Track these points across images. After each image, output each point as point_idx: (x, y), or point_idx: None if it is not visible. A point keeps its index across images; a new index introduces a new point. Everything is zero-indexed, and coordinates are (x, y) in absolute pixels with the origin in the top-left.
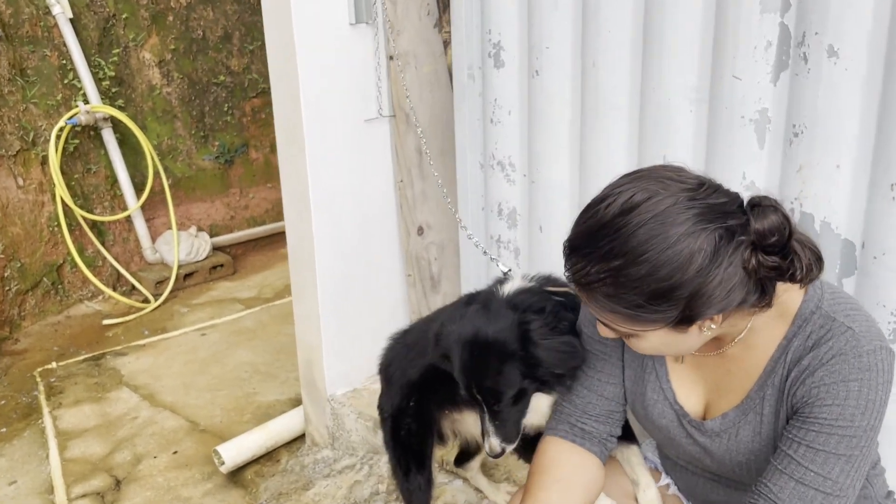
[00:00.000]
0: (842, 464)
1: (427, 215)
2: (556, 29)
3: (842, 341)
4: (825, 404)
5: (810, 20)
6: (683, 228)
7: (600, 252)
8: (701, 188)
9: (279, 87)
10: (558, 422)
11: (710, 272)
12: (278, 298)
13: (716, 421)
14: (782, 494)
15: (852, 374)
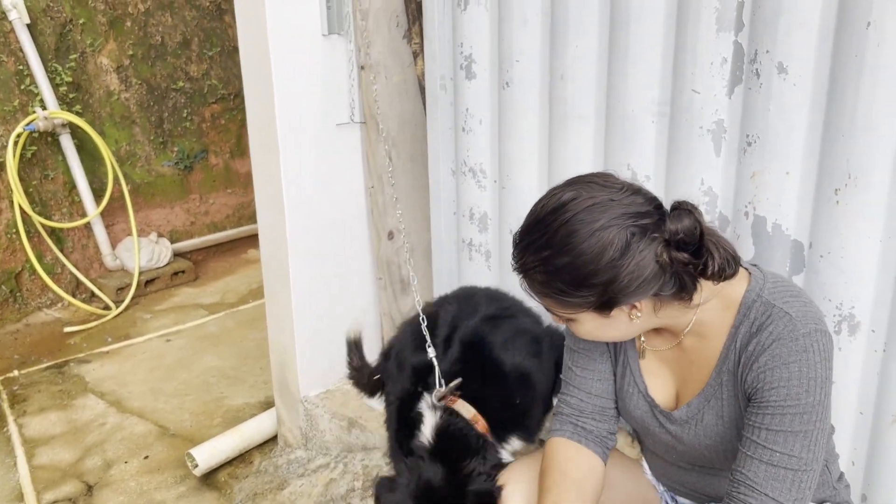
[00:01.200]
0: (801, 440)
1: (397, 220)
2: (525, 44)
3: (780, 326)
4: (772, 387)
5: (761, 39)
6: (599, 224)
7: (535, 244)
8: (621, 191)
9: (253, 94)
10: (561, 423)
11: (621, 263)
12: (242, 304)
13: (682, 410)
14: (757, 478)
15: (791, 356)
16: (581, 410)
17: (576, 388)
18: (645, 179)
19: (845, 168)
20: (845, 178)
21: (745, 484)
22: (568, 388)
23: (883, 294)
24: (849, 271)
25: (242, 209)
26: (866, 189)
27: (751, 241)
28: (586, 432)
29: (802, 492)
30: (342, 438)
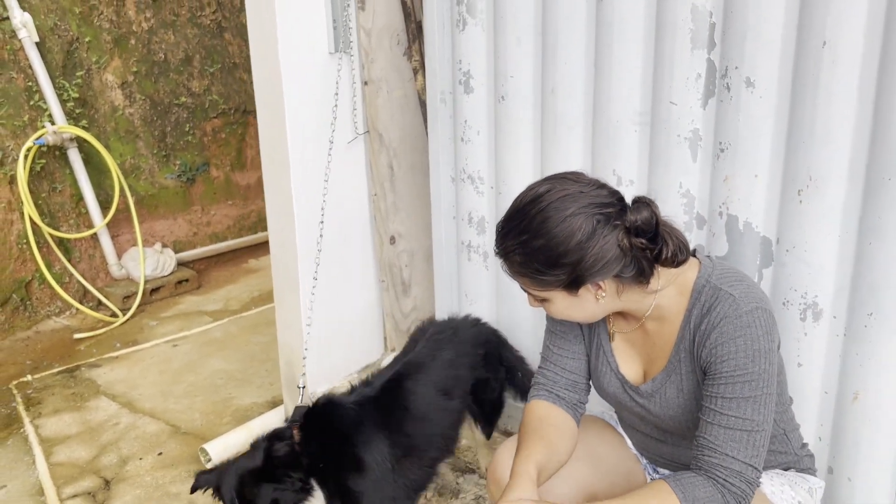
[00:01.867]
0: (751, 404)
1: (398, 225)
2: (519, 61)
3: (726, 306)
4: (722, 360)
5: (731, 57)
6: (569, 212)
7: (515, 230)
8: (588, 186)
9: (265, 109)
10: (537, 390)
11: (587, 245)
12: (245, 310)
13: (648, 384)
14: (717, 441)
15: (737, 332)
16: (555, 382)
17: (552, 364)
18: (629, 183)
19: (807, 171)
20: (807, 180)
21: (707, 447)
22: (545, 364)
23: (842, 283)
24: (812, 263)
25: (243, 220)
26: (825, 190)
27: (725, 238)
28: (560, 399)
29: (757, 449)
30: None
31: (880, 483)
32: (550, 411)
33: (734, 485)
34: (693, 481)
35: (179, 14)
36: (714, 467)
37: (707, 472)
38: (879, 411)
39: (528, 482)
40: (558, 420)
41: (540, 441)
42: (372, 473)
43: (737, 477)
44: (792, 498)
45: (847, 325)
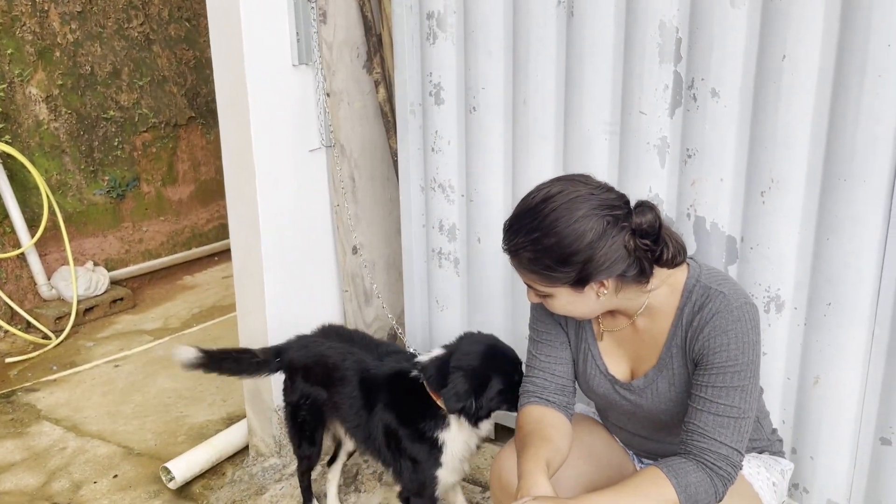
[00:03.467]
0: (739, 393)
1: (360, 236)
2: (490, 73)
3: (718, 303)
4: (715, 352)
5: (697, 69)
6: (581, 213)
7: (526, 227)
8: (598, 188)
9: (229, 120)
10: (528, 397)
11: (598, 245)
12: (186, 328)
13: (640, 380)
14: (706, 427)
15: (729, 325)
16: (544, 388)
17: (540, 371)
18: None
19: (769, 174)
20: (769, 182)
21: (697, 432)
22: (532, 372)
23: (802, 277)
24: (774, 259)
25: (176, 236)
26: (786, 191)
27: (693, 238)
28: (551, 402)
29: (742, 435)
30: None
31: (840, 462)
32: (545, 413)
33: (721, 468)
34: (684, 466)
35: (106, 26)
36: (703, 451)
37: (696, 457)
38: (838, 394)
39: (542, 476)
40: (555, 421)
41: (542, 440)
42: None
43: (724, 461)
44: (767, 479)
45: (807, 315)
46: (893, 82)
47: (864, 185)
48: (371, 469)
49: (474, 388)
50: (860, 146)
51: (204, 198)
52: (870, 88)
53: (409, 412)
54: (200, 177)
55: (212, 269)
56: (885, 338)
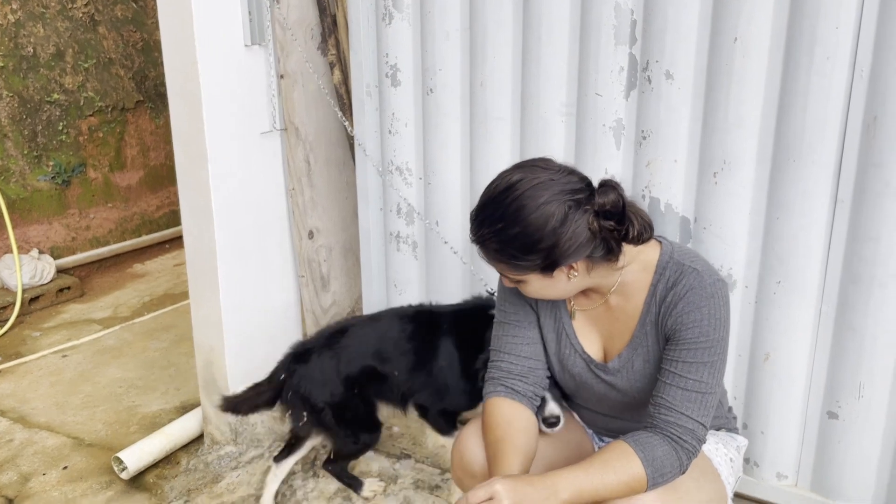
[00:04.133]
0: (708, 369)
1: (316, 220)
2: (447, 55)
3: (691, 279)
4: (688, 328)
5: (652, 51)
6: (542, 200)
7: (490, 218)
8: (559, 172)
9: (180, 102)
10: (494, 385)
11: (561, 230)
12: (137, 316)
13: (615, 361)
14: (675, 401)
15: (702, 301)
16: (510, 372)
17: (506, 354)
18: None
19: (721, 155)
20: (721, 163)
21: (665, 406)
22: (498, 355)
23: (753, 257)
24: (727, 239)
25: (125, 223)
26: (738, 172)
27: None
28: (516, 392)
29: (707, 410)
30: (274, 429)
31: (789, 436)
32: (514, 412)
33: (687, 442)
34: (651, 440)
35: (49, 6)
36: (670, 425)
37: (663, 431)
38: (788, 370)
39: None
40: (523, 422)
41: (514, 452)
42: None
43: (690, 434)
44: (725, 455)
45: (758, 293)
46: (841, 64)
47: (813, 165)
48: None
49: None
50: (809, 127)
51: (154, 184)
52: (818, 70)
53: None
54: (150, 162)
55: (163, 256)
56: (832, 314)
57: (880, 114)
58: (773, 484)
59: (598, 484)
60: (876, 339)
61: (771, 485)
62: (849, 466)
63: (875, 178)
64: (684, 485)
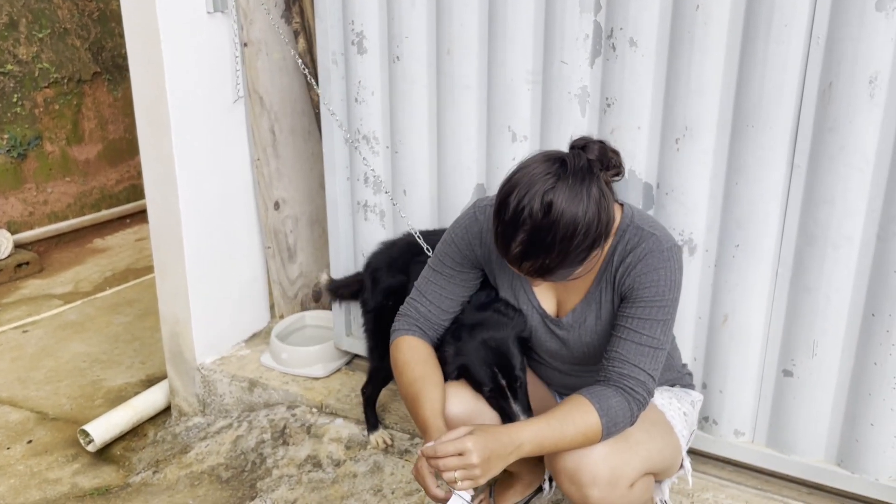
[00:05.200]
0: (661, 326)
1: (282, 191)
2: (414, 22)
3: (650, 243)
4: (645, 287)
5: (616, 19)
6: (582, 196)
7: (548, 245)
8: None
9: (141, 70)
10: (408, 324)
11: (603, 205)
12: (99, 291)
13: (569, 316)
14: (629, 354)
15: (660, 264)
16: (426, 318)
17: (428, 301)
18: (523, 139)
19: (683, 122)
20: (683, 130)
21: (618, 359)
22: (421, 298)
23: (713, 222)
24: (688, 204)
25: (84, 197)
26: (699, 138)
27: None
28: (426, 335)
29: (658, 364)
30: (243, 399)
31: (746, 394)
32: (430, 351)
33: (639, 393)
34: (605, 392)
35: None
36: (624, 377)
37: (616, 383)
38: (745, 331)
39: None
40: (435, 360)
41: (436, 387)
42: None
43: (641, 386)
44: (678, 409)
45: (717, 256)
46: (798, 31)
47: (770, 131)
48: (298, 422)
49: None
50: (767, 94)
51: (113, 157)
52: (776, 37)
53: None
54: (109, 135)
55: (124, 231)
56: (787, 276)
57: (835, 80)
58: (730, 441)
59: (559, 435)
60: (829, 299)
61: (729, 441)
62: (802, 422)
63: (830, 142)
64: (634, 435)
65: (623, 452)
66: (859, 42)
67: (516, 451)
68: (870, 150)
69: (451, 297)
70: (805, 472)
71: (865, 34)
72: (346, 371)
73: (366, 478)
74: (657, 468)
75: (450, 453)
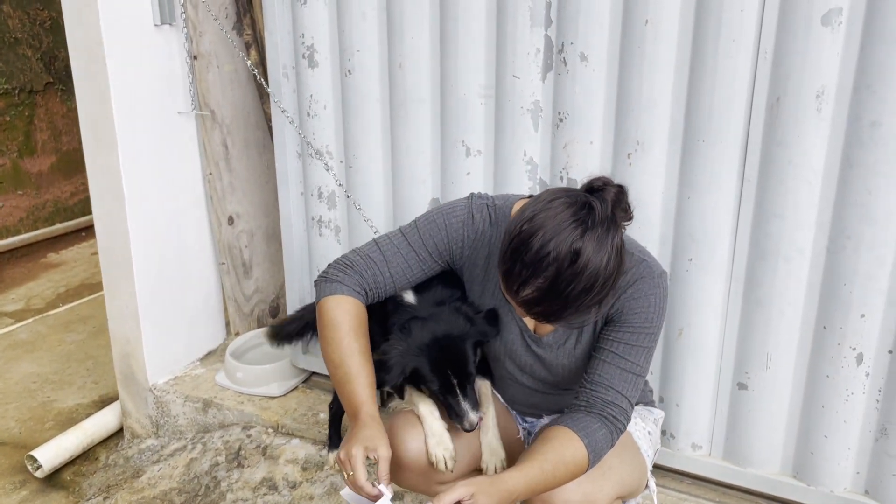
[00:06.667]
0: (645, 353)
1: (236, 205)
2: (365, 35)
3: (641, 269)
4: (636, 312)
5: (566, 33)
6: (607, 248)
7: (565, 295)
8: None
9: (86, 85)
10: (357, 285)
11: (623, 259)
12: (52, 308)
13: (550, 336)
14: (612, 379)
15: (650, 291)
16: (376, 287)
17: (389, 273)
18: (477, 153)
19: (635, 136)
20: (635, 144)
21: (602, 384)
22: (382, 265)
23: (666, 235)
24: (641, 218)
25: (37, 211)
26: (651, 153)
27: None
28: (367, 298)
29: (637, 390)
30: (197, 420)
31: (702, 407)
32: (367, 323)
33: (620, 421)
34: (591, 425)
35: None
36: (608, 405)
37: (600, 411)
38: (700, 345)
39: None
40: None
41: (371, 367)
42: None
43: (623, 415)
44: (643, 429)
45: (672, 270)
46: (746, 46)
47: (721, 145)
48: (254, 444)
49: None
50: (716, 108)
51: (67, 170)
52: (724, 52)
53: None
54: (62, 147)
55: (79, 245)
56: (740, 289)
57: (783, 95)
58: (688, 454)
59: (551, 480)
60: (783, 313)
61: (686, 455)
62: (758, 434)
63: (779, 156)
64: (608, 461)
65: (596, 480)
66: (806, 57)
67: (511, 498)
68: (818, 164)
69: (408, 278)
70: (762, 484)
71: (812, 49)
72: (303, 389)
73: (322, 500)
74: (626, 492)
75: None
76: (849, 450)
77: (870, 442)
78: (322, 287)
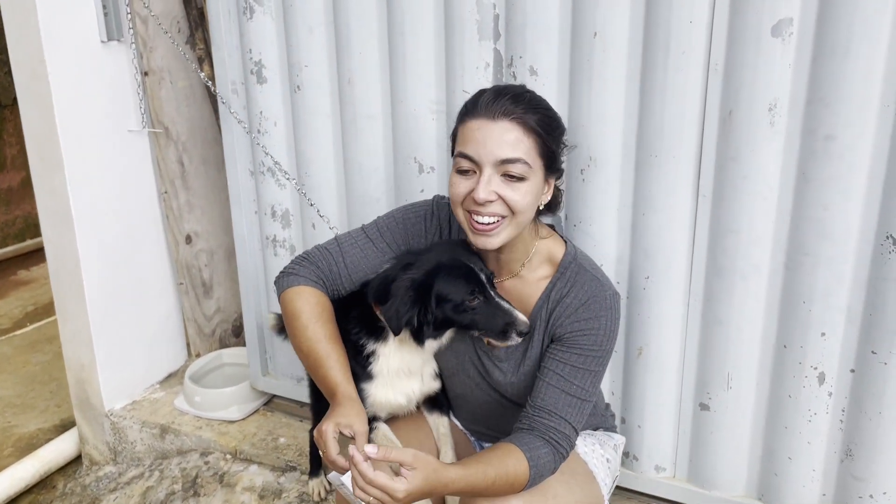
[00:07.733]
0: (592, 377)
1: (194, 224)
2: (313, 50)
3: (593, 287)
4: (584, 334)
5: (515, 47)
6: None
7: (527, 99)
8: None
9: (29, 105)
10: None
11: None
12: (18, 328)
13: (503, 350)
14: (557, 405)
15: (601, 312)
16: (333, 281)
17: (345, 266)
18: (430, 170)
19: (587, 152)
20: (588, 160)
21: (545, 409)
22: (339, 258)
23: (622, 252)
24: (596, 236)
25: (6, 227)
26: (604, 168)
27: None
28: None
29: (583, 416)
30: (155, 447)
31: (664, 429)
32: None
33: (563, 447)
34: (535, 443)
35: None
36: (550, 430)
37: (543, 434)
38: (660, 365)
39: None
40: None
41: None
42: None
43: (566, 440)
44: (601, 455)
45: (629, 288)
46: (696, 59)
47: (674, 160)
48: (211, 471)
49: (416, 305)
50: (668, 122)
51: None
52: (674, 65)
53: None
54: None
55: None
56: (699, 307)
57: (735, 108)
58: (652, 477)
59: (490, 482)
60: (741, 331)
61: (650, 478)
62: (721, 456)
63: (733, 171)
64: (553, 488)
65: None
66: (757, 69)
67: (444, 489)
68: (773, 178)
69: (365, 269)
70: None
71: (763, 61)
72: (263, 412)
73: None
74: None
75: (379, 485)
76: (814, 471)
77: (835, 463)
78: (281, 282)
